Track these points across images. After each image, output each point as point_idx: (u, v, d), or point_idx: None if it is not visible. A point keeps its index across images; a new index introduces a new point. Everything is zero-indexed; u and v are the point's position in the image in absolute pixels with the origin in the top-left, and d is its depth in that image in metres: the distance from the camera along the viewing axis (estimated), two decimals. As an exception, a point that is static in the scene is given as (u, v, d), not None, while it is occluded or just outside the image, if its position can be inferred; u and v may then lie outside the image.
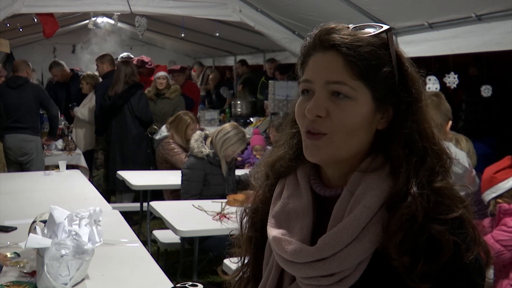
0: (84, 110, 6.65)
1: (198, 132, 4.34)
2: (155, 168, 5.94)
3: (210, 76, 10.40)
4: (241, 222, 1.18)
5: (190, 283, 1.18)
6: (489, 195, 2.77)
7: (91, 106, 6.59)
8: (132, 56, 7.63)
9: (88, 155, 6.53)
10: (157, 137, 5.48)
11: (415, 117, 0.99)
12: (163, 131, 5.42)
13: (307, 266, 0.96)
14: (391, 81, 1.00)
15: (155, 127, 6.10)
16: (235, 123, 4.69)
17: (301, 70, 1.05)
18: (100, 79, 6.86)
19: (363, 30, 1.01)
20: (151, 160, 6.08)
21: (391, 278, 0.93)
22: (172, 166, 5.19)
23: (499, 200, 2.74)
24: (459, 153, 2.66)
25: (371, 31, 1.00)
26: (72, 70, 8.09)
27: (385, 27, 1.01)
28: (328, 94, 0.99)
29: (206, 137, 4.24)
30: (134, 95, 5.97)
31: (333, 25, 1.02)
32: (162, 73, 6.46)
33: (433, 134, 1.01)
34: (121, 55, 7.84)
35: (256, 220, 1.14)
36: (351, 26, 1.02)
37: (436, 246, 0.91)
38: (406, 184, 0.95)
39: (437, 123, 1.04)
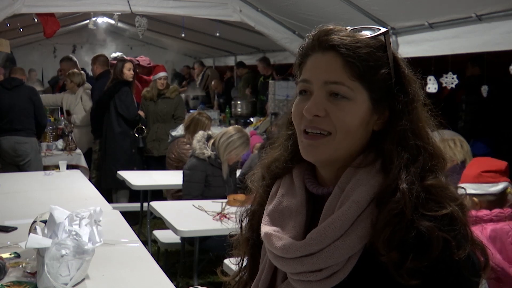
0: (79, 115, 6.68)
1: (201, 132, 4.30)
2: (139, 168, 5.94)
3: (213, 83, 10.39)
4: (241, 224, 1.19)
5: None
6: (469, 188, 2.74)
7: (87, 109, 6.62)
8: (124, 56, 7.62)
9: (86, 155, 6.54)
10: (173, 133, 5.44)
11: (410, 116, 1.00)
12: (181, 129, 5.38)
13: (296, 262, 0.97)
14: (388, 82, 1.00)
15: (143, 127, 6.10)
16: (239, 126, 4.66)
17: (299, 71, 1.06)
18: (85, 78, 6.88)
19: (361, 32, 1.02)
20: (135, 160, 6.06)
21: (381, 274, 0.93)
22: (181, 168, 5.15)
23: (474, 199, 2.73)
24: None
25: (368, 33, 1.01)
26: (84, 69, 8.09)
27: (383, 29, 1.01)
28: (326, 94, 0.99)
29: (208, 138, 4.22)
30: (119, 91, 5.93)
31: (331, 26, 1.02)
32: (162, 74, 6.46)
33: (427, 134, 1.02)
34: (112, 55, 7.89)
35: (254, 222, 1.15)
36: (349, 28, 1.03)
37: (425, 242, 0.91)
38: (396, 180, 0.96)
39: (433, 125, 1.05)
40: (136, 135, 6.06)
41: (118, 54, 7.95)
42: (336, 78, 0.98)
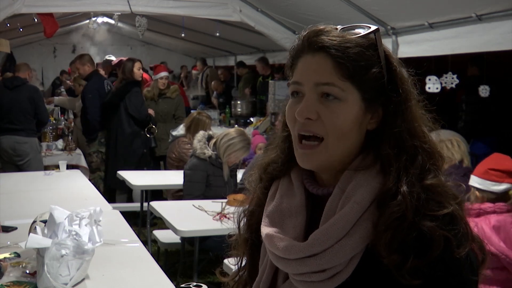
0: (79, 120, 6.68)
1: (202, 132, 4.29)
2: (150, 168, 5.91)
3: (213, 83, 10.38)
4: (239, 225, 1.19)
5: (194, 283, 1.18)
6: (475, 182, 2.80)
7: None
8: (113, 58, 7.61)
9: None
10: (174, 133, 5.44)
11: (405, 116, 1.00)
12: (182, 128, 5.36)
13: (298, 262, 0.97)
14: (380, 81, 1.00)
15: (154, 126, 6.09)
16: (242, 129, 4.65)
17: (291, 72, 1.06)
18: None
19: (351, 31, 1.01)
20: (146, 160, 6.04)
21: (383, 274, 0.93)
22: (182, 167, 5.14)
23: (477, 193, 2.78)
24: None
25: (359, 31, 1.01)
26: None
27: (373, 27, 1.01)
28: (318, 96, 0.99)
29: (209, 138, 4.21)
30: (129, 92, 5.92)
31: (321, 27, 1.02)
32: (163, 73, 6.46)
33: (423, 132, 1.01)
34: (106, 57, 7.88)
35: (252, 222, 1.15)
36: (339, 27, 1.03)
37: (426, 242, 0.91)
38: (397, 183, 0.96)
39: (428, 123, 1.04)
40: (148, 135, 6.05)
41: (111, 56, 7.96)
42: (327, 79, 0.98)
